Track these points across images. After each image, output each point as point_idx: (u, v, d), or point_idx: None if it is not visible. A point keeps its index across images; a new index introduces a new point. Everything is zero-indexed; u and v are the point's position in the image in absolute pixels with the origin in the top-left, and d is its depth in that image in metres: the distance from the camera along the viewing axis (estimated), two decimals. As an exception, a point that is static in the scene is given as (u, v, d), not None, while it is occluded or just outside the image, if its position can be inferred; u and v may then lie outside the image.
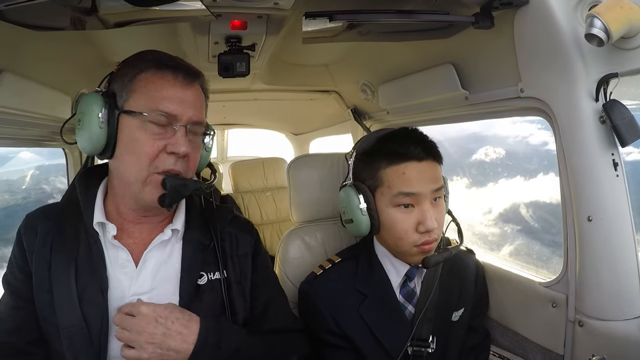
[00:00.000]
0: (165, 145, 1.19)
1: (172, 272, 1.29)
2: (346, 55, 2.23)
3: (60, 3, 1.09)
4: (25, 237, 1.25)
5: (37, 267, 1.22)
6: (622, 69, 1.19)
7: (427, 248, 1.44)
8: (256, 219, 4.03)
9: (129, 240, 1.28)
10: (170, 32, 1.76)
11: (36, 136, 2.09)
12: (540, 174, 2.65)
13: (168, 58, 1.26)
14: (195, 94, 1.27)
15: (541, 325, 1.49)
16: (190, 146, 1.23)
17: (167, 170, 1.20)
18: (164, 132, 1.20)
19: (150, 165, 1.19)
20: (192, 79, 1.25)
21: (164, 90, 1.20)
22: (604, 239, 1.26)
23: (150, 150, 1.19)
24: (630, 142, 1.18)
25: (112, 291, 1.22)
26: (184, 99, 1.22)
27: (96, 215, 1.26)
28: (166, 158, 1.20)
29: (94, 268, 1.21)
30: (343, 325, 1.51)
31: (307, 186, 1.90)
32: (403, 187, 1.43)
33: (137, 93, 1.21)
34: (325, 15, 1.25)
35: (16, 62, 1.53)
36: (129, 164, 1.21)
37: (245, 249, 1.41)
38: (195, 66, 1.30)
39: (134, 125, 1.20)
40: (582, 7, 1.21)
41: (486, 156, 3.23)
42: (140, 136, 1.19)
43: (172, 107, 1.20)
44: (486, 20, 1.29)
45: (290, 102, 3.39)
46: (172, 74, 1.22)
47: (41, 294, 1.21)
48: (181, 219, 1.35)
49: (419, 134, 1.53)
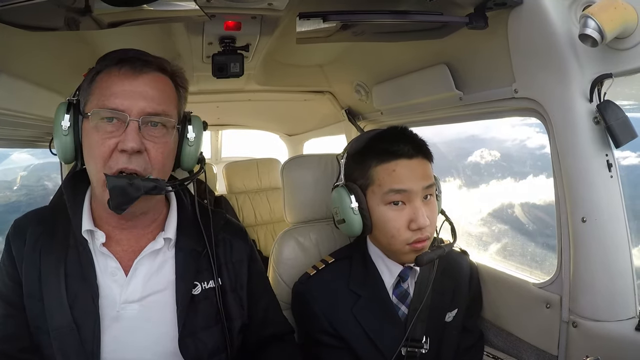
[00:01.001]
0: (117, 143, 1.13)
1: (164, 281, 1.26)
2: (340, 55, 2.22)
3: (55, 3, 1.07)
4: (14, 244, 1.22)
5: (26, 274, 1.20)
6: (616, 70, 1.19)
7: (420, 246, 1.44)
8: (250, 219, 4.02)
9: (117, 248, 1.25)
10: (164, 32, 1.75)
11: (30, 137, 2.07)
12: (542, 175, 2.66)
13: (121, 52, 1.21)
14: (148, 83, 1.18)
15: (535, 326, 1.50)
16: (148, 140, 1.16)
17: (122, 169, 1.13)
18: (116, 129, 1.14)
19: (104, 167, 1.14)
20: (140, 68, 1.17)
21: (111, 86, 1.15)
22: (598, 240, 1.27)
23: (102, 150, 1.13)
24: (624, 142, 1.19)
25: (103, 299, 1.19)
26: (132, 91, 1.15)
27: (84, 222, 1.22)
28: (119, 157, 1.13)
29: (84, 275, 1.19)
30: (337, 326, 1.50)
31: (301, 187, 1.90)
32: (393, 184, 1.43)
33: (93, 95, 1.17)
34: (319, 15, 1.25)
35: (10, 63, 1.51)
36: (90, 167, 1.18)
37: (240, 256, 1.39)
38: (164, 60, 1.24)
39: (89, 128, 1.16)
40: (576, 8, 1.21)
41: (481, 158, 3.24)
42: (93, 137, 1.15)
43: (118, 101, 1.13)
44: (480, 20, 1.30)
45: (284, 103, 3.38)
46: (117, 68, 1.17)
47: (32, 301, 1.18)
48: (173, 225, 1.31)
49: (409, 132, 1.54)
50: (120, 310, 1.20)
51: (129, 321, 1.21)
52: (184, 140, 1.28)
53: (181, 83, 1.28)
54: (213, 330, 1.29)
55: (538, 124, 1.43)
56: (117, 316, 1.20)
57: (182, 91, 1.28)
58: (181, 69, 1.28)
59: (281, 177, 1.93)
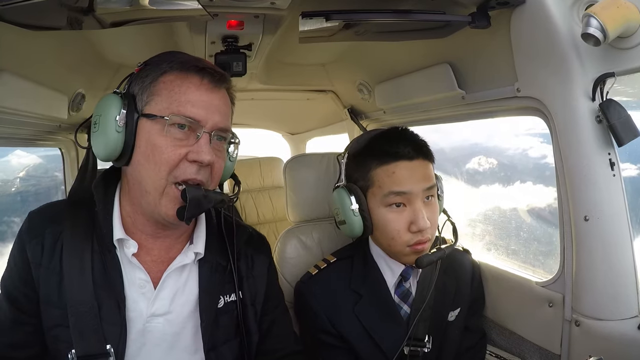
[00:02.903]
0: (187, 153, 1.11)
1: (190, 295, 1.23)
2: (343, 54, 2.22)
3: (57, 3, 1.07)
4: (30, 246, 1.14)
5: (45, 280, 1.14)
6: (619, 69, 1.19)
7: (420, 248, 1.45)
8: (253, 218, 4.01)
9: (147, 258, 1.21)
10: (166, 31, 1.76)
11: (32, 135, 2.08)
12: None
13: (194, 59, 1.17)
14: (222, 99, 1.18)
15: (538, 325, 1.50)
16: (215, 155, 1.14)
17: (187, 180, 1.11)
18: (186, 138, 1.11)
19: (169, 174, 1.10)
20: (219, 83, 1.17)
21: (189, 94, 1.12)
22: (601, 239, 1.27)
23: (171, 157, 1.10)
24: (626, 141, 1.18)
25: (130, 312, 1.16)
26: (209, 103, 1.13)
27: (115, 229, 1.17)
28: (187, 167, 1.11)
29: (111, 285, 1.14)
30: (338, 325, 1.51)
31: (303, 186, 1.90)
32: (393, 187, 1.43)
33: (159, 96, 1.12)
34: (322, 15, 1.25)
35: (13, 62, 1.52)
36: (147, 172, 1.12)
37: (260, 270, 1.37)
38: (228, 75, 1.23)
39: (154, 130, 1.11)
40: (579, 7, 1.20)
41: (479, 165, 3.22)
42: (160, 142, 1.10)
43: (196, 111, 1.11)
44: (483, 19, 1.29)
45: (287, 102, 3.38)
46: (199, 77, 1.14)
47: (49, 308, 1.13)
48: (202, 238, 1.28)
49: (410, 133, 1.54)
50: (146, 324, 1.18)
51: (153, 334, 1.19)
52: (226, 154, 1.27)
53: (233, 98, 1.26)
54: (232, 344, 1.28)
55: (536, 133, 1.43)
56: (143, 329, 1.18)
57: (232, 107, 1.26)
58: (234, 85, 1.27)
59: (284, 176, 1.93)
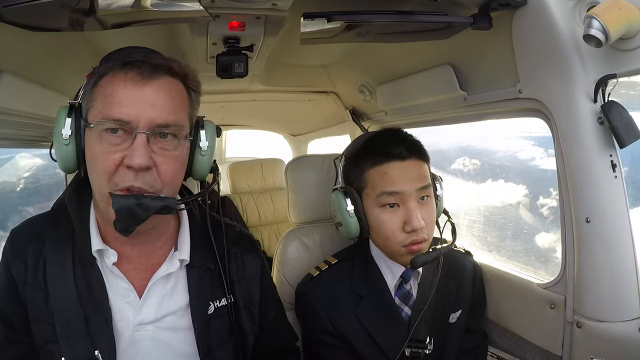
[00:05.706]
0: (123, 158, 1.02)
1: (178, 301, 1.20)
2: (344, 56, 2.22)
3: (59, 4, 1.07)
4: (14, 265, 1.12)
5: (32, 298, 1.11)
6: (621, 70, 1.19)
7: (416, 248, 1.44)
8: (254, 220, 4.02)
9: (128, 266, 1.17)
10: (168, 32, 1.76)
11: (33, 137, 2.08)
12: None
13: (126, 54, 1.09)
14: (158, 89, 1.06)
15: (539, 327, 1.49)
16: (160, 155, 1.06)
17: (129, 187, 1.03)
18: (122, 142, 1.03)
19: (109, 182, 1.03)
20: (150, 74, 1.05)
21: (116, 94, 1.03)
22: (602, 240, 1.26)
23: (106, 165, 1.02)
24: (628, 143, 1.18)
25: (117, 322, 1.13)
26: (141, 99, 1.03)
27: (93, 240, 1.13)
28: (125, 173, 1.02)
29: (96, 297, 1.11)
30: (339, 326, 1.51)
31: (305, 187, 1.90)
32: (386, 187, 1.44)
33: (96, 101, 1.06)
34: (324, 16, 1.25)
35: (14, 63, 1.52)
36: (94, 182, 1.08)
37: (252, 271, 1.34)
38: (174, 61, 1.12)
39: (91, 138, 1.05)
40: (581, 8, 1.20)
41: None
42: (96, 149, 1.04)
43: (124, 111, 1.02)
44: (484, 21, 1.29)
45: (289, 103, 3.39)
46: (123, 72, 1.04)
47: (40, 326, 1.11)
48: (186, 244, 1.23)
49: (403, 133, 1.55)
50: (135, 333, 1.15)
51: (144, 342, 1.16)
52: (196, 149, 1.19)
53: (193, 86, 1.17)
54: (227, 347, 1.25)
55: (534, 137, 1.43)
56: (132, 338, 1.15)
57: (194, 95, 1.18)
58: (193, 70, 1.17)
59: (285, 177, 1.93)
